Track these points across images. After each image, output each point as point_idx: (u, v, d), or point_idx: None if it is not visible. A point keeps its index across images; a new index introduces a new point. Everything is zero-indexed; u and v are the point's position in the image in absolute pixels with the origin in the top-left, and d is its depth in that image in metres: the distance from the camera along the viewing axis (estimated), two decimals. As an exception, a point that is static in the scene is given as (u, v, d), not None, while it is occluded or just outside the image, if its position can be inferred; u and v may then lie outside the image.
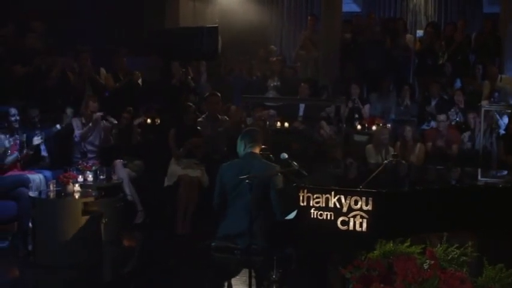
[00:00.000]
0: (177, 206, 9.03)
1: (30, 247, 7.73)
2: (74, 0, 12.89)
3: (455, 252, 4.47)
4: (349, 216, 5.15)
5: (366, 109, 11.75)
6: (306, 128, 11.03)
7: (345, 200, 5.16)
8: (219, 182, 6.04)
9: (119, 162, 9.45)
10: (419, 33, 14.90)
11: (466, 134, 10.56)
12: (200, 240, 8.15)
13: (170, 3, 13.71)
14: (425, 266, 4.27)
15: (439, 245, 4.58)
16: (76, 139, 9.65)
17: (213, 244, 6.03)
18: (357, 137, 11.14)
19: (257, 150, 6.07)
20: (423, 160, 10.01)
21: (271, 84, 12.35)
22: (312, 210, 5.29)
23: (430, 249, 4.42)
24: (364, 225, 5.10)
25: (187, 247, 8.43)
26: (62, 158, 9.61)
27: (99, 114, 9.67)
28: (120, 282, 7.42)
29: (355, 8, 16.93)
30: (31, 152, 9.06)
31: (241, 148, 6.08)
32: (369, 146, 10.11)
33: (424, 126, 11.27)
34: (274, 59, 13.26)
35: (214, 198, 6.12)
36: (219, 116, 10.21)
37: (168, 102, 11.09)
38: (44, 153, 9.45)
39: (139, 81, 11.78)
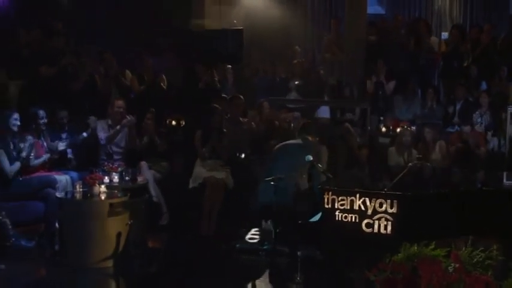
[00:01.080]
0: (202, 208, 9.07)
1: (56, 247, 7.81)
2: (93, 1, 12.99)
3: (480, 256, 4.45)
4: (373, 218, 5.16)
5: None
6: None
7: (370, 202, 5.18)
8: None
9: (144, 164, 9.50)
10: (444, 35, 14.78)
11: (492, 137, 10.48)
12: (225, 242, 8.22)
13: (196, 5, 13.78)
14: (450, 270, 4.25)
15: (464, 248, 4.56)
16: (102, 142, 9.69)
17: (237, 246, 6.09)
18: (381, 140, 11.13)
19: None
20: (447, 161, 9.93)
21: (294, 85, 12.36)
22: (337, 213, 5.31)
23: (455, 252, 4.40)
24: (389, 227, 5.11)
25: (211, 248, 8.45)
26: (88, 160, 9.66)
27: (129, 119, 9.62)
28: (145, 283, 7.45)
29: (379, 9, 16.83)
30: (56, 157, 9.18)
31: None
32: (391, 148, 10.09)
33: (450, 129, 11.19)
34: (296, 61, 13.25)
35: None
36: (241, 119, 10.26)
37: (193, 104, 11.10)
38: (70, 155, 9.57)
39: (164, 83, 11.82)
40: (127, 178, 8.90)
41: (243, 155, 9.69)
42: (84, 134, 9.60)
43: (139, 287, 7.48)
